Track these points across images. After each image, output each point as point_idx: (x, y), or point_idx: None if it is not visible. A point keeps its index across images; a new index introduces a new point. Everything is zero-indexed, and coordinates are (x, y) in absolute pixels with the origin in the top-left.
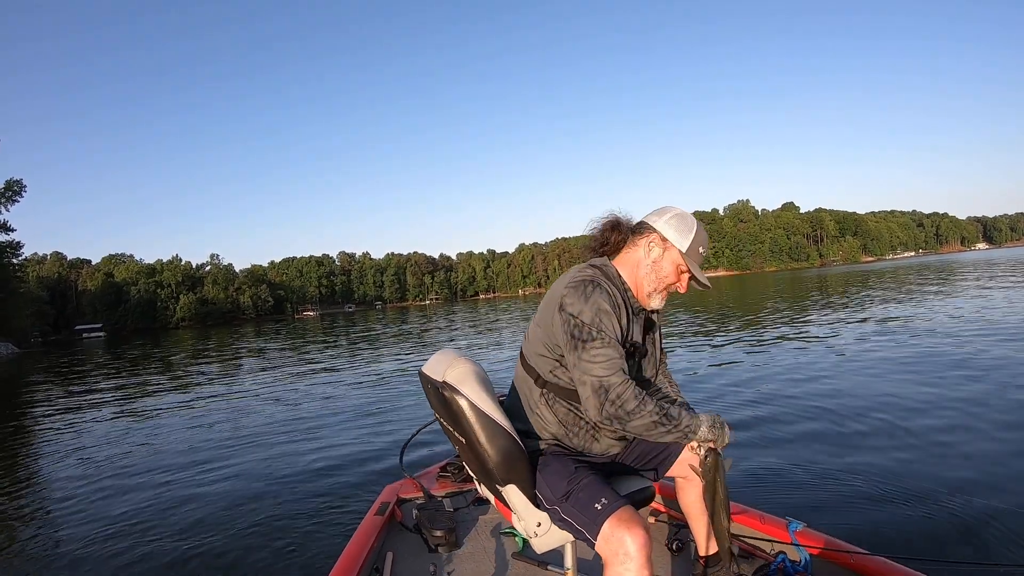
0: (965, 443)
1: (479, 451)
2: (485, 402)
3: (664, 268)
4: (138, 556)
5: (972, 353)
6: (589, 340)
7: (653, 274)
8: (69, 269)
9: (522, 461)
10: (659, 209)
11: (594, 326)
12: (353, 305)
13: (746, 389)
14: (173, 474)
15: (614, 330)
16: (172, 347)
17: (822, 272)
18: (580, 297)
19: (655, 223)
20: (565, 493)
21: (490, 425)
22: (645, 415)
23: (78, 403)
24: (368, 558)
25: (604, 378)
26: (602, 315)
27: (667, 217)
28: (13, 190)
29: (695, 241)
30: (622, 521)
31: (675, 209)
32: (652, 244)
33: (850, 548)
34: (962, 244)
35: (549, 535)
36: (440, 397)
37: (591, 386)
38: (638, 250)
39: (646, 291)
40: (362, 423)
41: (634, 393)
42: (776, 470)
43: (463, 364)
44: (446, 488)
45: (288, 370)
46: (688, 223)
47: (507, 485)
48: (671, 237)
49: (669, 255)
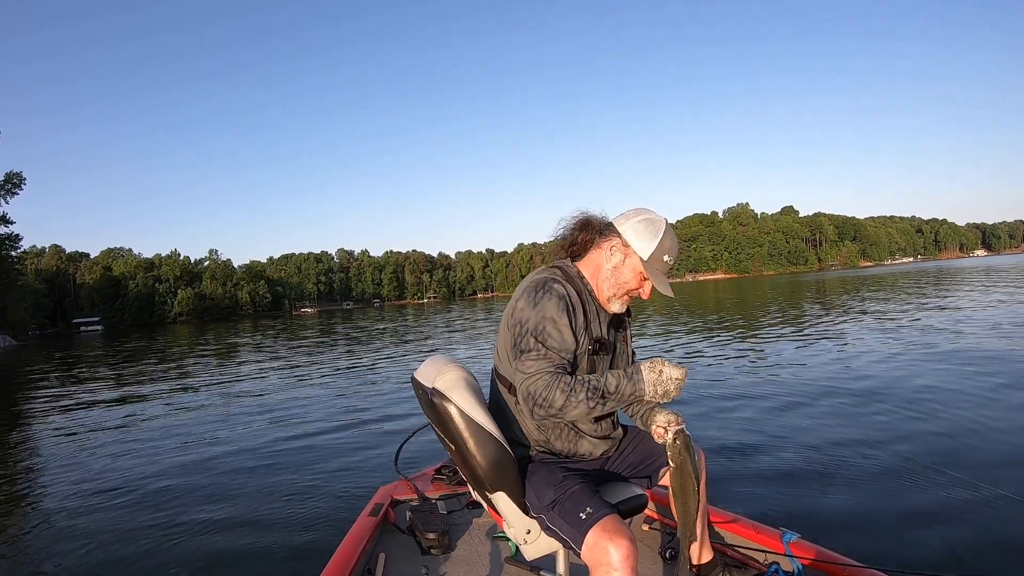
0: (963, 453)
1: (468, 458)
2: (474, 409)
3: (624, 274)
4: (129, 553)
5: (972, 356)
6: (526, 350)
7: (612, 279)
8: (67, 262)
9: (511, 469)
10: (630, 211)
11: (535, 335)
12: (351, 303)
13: (741, 395)
14: (164, 470)
15: (559, 337)
16: (169, 342)
17: (820, 276)
18: (530, 303)
19: (620, 226)
20: (552, 501)
21: (479, 432)
22: (577, 404)
23: (74, 396)
24: (360, 559)
25: (529, 385)
26: (546, 322)
27: (634, 221)
28: (12, 183)
29: (659, 249)
30: (606, 531)
31: (645, 213)
32: (614, 249)
33: (844, 560)
34: (961, 250)
35: (539, 542)
36: (430, 403)
37: (521, 394)
38: (601, 253)
39: (605, 295)
40: (358, 423)
41: (561, 388)
42: (770, 479)
43: (453, 371)
44: (440, 491)
45: (284, 368)
46: (654, 229)
47: (496, 492)
48: (634, 243)
49: (630, 261)
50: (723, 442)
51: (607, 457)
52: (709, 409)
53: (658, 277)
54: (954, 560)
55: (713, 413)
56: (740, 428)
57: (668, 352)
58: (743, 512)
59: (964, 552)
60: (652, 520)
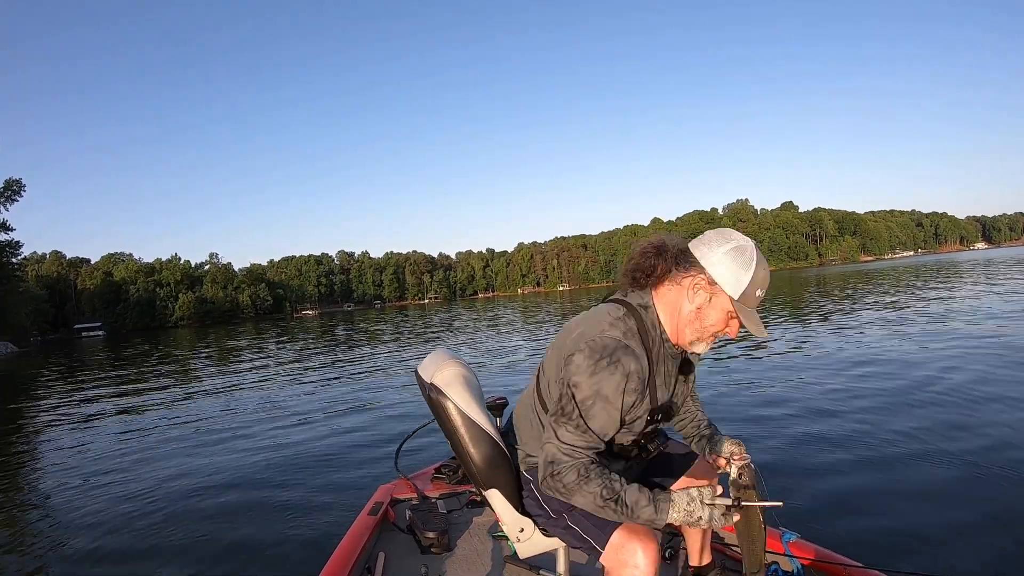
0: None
1: (463, 454)
2: (470, 406)
3: (710, 316)
4: (129, 551)
5: (973, 358)
6: (568, 418)
7: (697, 322)
8: (68, 268)
9: (504, 467)
10: (711, 233)
11: (581, 408)
12: (352, 304)
13: (741, 391)
14: (164, 471)
15: (605, 420)
16: (171, 346)
17: (821, 272)
18: (590, 368)
19: (704, 258)
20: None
21: (474, 429)
22: (586, 496)
23: (76, 401)
24: (360, 558)
25: (556, 455)
26: (598, 401)
27: (720, 252)
28: (12, 189)
29: (752, 284)
30: (635, 532)
31: (733, 240)
32: (697, 287)
33: (844, 560)
34: (961, 244)
35: (533, 541)
36: (428, 398)
37: (544, 455)
38: (681, 291)
39: (688, 339)
40: (358, 422)
41: (579, 471)
42: (771, 478)
43: (452, 367)
44: (440, 489)
45: (285, 368)
46: (745, 260)
47: (489, 489)
48: (722, 279)
49: (718, 301)
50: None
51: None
52: (708, 408)
53: (751, 317)
54: (954, 560)
55: (712, 412)
56: (738, 425)
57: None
58: None
59: (964, 552)
60: None
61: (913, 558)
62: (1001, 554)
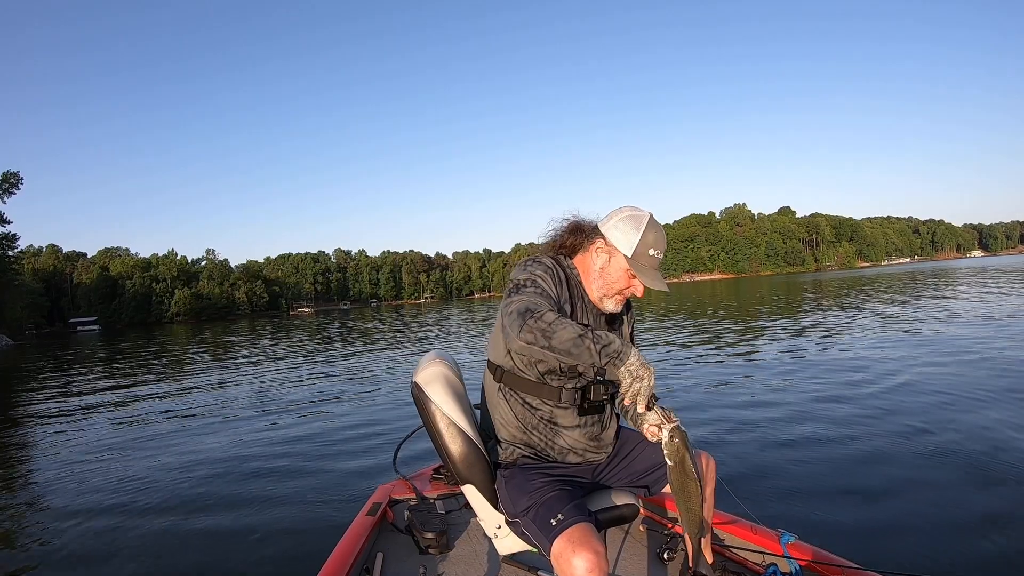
0: (964, 454)
1: (441, 451)
2: (448, 404)
3: (611, 274)
4: (124, 548)
5: (972, 360)
6: (519, 289)
7: (600, 280)
8: (64, 262)
9: (479, 465)
10: (614, 210)
11: (527, 282)
12: (348, 303)
13: (740, 395)
14: (160, 470)
15: (549, 288)
16: (166, 341)
17: (817, 277)
18: (520, 267)
19: (603, 227)
20: (526, 507)
21: (451, 427)
22: (566, 326)
23: (70, 396)
24: (358, 558)
25: (528, 302)
26: (536, 277)
27: (615, 220)
28: (9, 183)
29: (643, 244)
30: (571, 540)
31: (627, 210)
32: (598, 250)
33: (842, 562)
34: (958, 251)
35: (510, 538)
36: (412, 396)
37: (515, 312)
38: (589, 255)
39: (596, 296)
40: (356, 422)
41: (551, 309)
42: (769, 480)
43: (435, 366)
44: (439, 490)
45: (281, 367)
46: (634, 224)
47: (465, 484)
48: (616, 241)
49: (616, 261)
50: (721, 442)
51: (601, 465)
52: (707, 410)
53: (646, 272)
54: (952, 561)
55: (710, 414)
56: (736, 429)
57: (666, 354)
58: (741, 513)
59: (962, 553)
60: (651, 521)
61: (912, 558)
62: (998, 554)
